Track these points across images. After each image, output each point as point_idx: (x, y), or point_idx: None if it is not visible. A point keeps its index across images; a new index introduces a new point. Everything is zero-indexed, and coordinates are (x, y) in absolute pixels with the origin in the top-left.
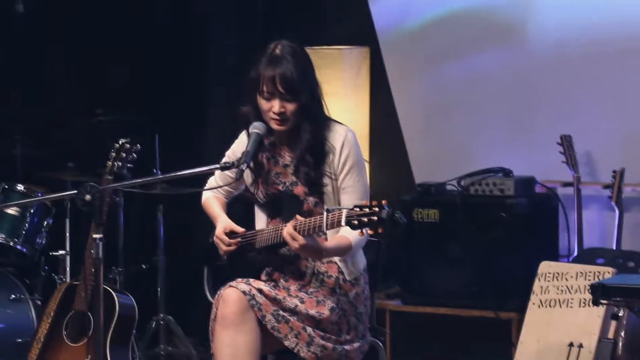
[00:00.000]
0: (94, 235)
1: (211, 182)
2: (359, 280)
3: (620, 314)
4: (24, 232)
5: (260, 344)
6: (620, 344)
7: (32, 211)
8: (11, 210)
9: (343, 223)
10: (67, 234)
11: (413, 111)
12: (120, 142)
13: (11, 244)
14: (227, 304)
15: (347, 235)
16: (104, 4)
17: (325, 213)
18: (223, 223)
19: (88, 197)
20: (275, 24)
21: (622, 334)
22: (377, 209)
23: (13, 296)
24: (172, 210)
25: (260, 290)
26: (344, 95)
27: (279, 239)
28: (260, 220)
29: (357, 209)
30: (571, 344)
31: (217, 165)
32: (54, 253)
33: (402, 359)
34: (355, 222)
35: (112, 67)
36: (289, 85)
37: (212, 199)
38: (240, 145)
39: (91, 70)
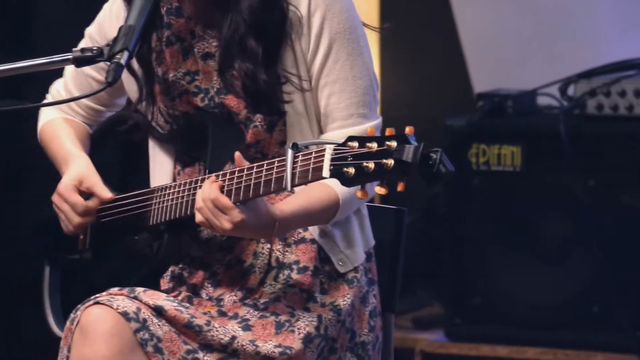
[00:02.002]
0: None
1: (58, 90)
2: (358, 277)
3: None
4: None
5: None
6: None
7: None
8: None
9: (326, 172)
10: None
11: None
12: None
13: None
14: (93, 341)
15: (331, 184)
16: None
17: (289, 152)
18: (76, 171)
19: None
20: None
21: None
22: (393, 143)
23: None
24: None
25: (159, 311)
26: None
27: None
28: (161, 169)
29: (355, 144)
30: None
31: (68, 55)
32: None
33: None
34: (350, 169)
35: None
36: None
37: (60, 125)
38: (112, 16)
39: None
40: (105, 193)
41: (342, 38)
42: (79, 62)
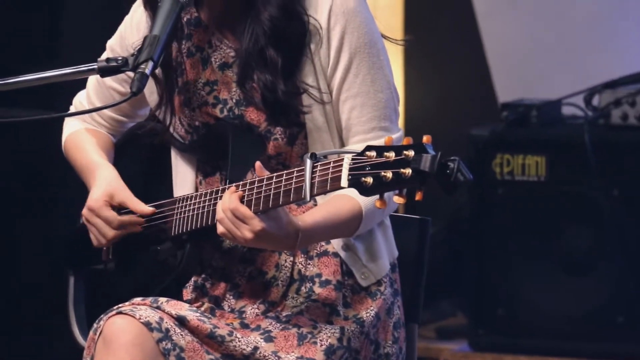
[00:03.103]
0: None
1: (80, 102)
2: (382, 289)
3: None
4: None
5: None
6: None
7: None
8: None
9: (344, 182)
10: None
11: None
12: None
13: None
14: (115, 351)
15: (353, 196)
16: None
17: (308, 162)
18: (105, 184)
19: None
20: None
21: None
22: (410, 153)
23: None
24: None
25: (181, 321)
26: None
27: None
28: (183, 178)
29: (372, 153)
30: None
31: (93, 65)
32: None
33: None
34: (369, 179)
35: None
36: None
37: (84, 135)
38: (132, 27)
39: None
40: (143, 207)
41: (362, 52)
42: (104, 72)
